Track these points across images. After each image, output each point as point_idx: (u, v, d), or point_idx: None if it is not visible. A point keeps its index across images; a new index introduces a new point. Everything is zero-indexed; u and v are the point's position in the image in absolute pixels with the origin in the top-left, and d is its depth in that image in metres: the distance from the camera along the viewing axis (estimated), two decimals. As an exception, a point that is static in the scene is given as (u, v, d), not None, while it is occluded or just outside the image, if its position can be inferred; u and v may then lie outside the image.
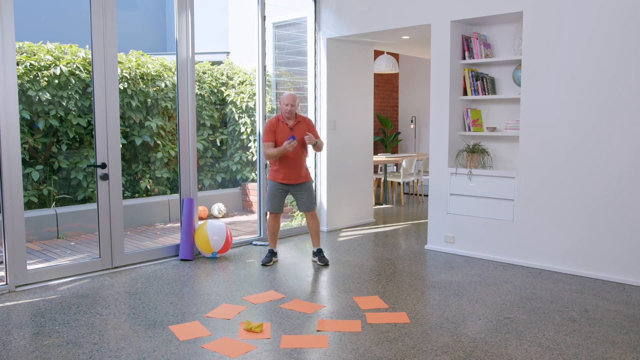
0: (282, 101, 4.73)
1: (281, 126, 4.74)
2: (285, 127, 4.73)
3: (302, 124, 4.80)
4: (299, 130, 4.76)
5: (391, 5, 5.55)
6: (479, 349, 3.06)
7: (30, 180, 5.68)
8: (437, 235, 5.39)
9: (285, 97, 4.72)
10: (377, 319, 3.52)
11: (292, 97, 4.71)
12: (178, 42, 4.99)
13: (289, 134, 4.71)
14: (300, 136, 4.75)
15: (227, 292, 4.08)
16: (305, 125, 4.81)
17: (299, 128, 4.77)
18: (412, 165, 8.21)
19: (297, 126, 4.77)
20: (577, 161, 4.46)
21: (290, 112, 4.70)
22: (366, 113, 6.75)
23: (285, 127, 4.73)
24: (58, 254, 5.21)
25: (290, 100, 4.68)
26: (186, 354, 3.00)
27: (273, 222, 4.96)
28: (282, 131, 4.73)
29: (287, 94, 4.75)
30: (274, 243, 5.02)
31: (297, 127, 4.77)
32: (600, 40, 4.28)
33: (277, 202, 4.86)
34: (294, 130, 4.73)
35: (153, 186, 6.94)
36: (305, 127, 4.80)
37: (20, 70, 5.54)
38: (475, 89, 5.20)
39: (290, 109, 4.68)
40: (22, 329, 3.35)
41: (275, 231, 5.00)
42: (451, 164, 5.28)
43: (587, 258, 4.46)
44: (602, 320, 3.49)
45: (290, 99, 4.70)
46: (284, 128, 4.73)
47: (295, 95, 4.73)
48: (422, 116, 10.14)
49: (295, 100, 4.71)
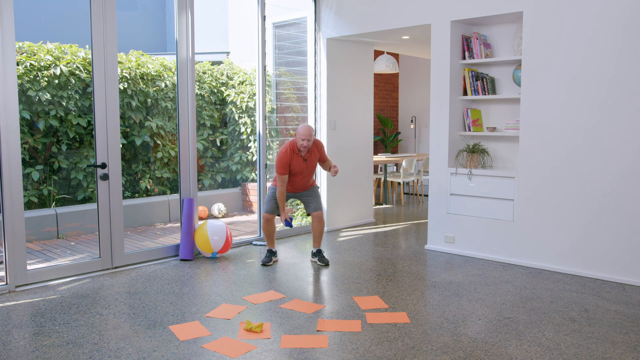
0: (299, 135, 4.65)
1: (296, 157, 4.72)
2: (299, 159, 4.73)
3: (315, 153, 4.82)
4: (311, 159, 4.80)
5: (391, 5, 5.55)
6: (479, 349, 3.06)
7: (30, 180, 5.68)
8: (437, 235, 5.39)
9: (303, 132, 4.64)
10: (377, 319, 3.52)
11: (309, 132, 4.64)
12: (178, 42, 5.00)
13: (303, 165, 4.74)
14: (313, 164, 4.81)
15: (227, 292, 4.08)
16: (317, 153, 4.84)
17: (312, 157, 4.80)
18: (412, 165, 8.21)
19: (310, 156, 4.79)
20: (577, 161, 4.46)
21: (307, 147, 4.68)
22: (366, 113, 6.75)
23: (299, 158, 4.73)
24: (58, 254, 5.21)
25: (307, 136, 4.63)
26: (186, 354, 3.00)
27: (267, 224, 4.95)
28: (297, 162, 4.73)
29: (305, 129, 4.66)
30: (272, 243, 5.02)
31: (310, 156, 4.79)
32: (600, 40, 4.28)
33: (275, 205, 4.89)
34: (307, 161, 4.76)
35: (153, 186, 6.94)
36: (317, 154, 4.84)
37: (20, 70, 5.54)
38: (475, 89, 5.20)
39: (307, 144, 4.65)
40: (22, 329, 3.35)
41: (271, 233, 4.99)
42: (451, 164, 5.28)
43: (587, 258, 4.46)
44: (602, 320, 3.49)
45: (308, 134, 4.63)
46: (298, 160, 4.73)
47: (312, 130, 4.68)
48: (422, 116, 10.14)
49: (312, 135, 4.67)
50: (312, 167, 4.85)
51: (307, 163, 4.77)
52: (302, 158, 4.74)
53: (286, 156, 4.69)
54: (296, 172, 4.76)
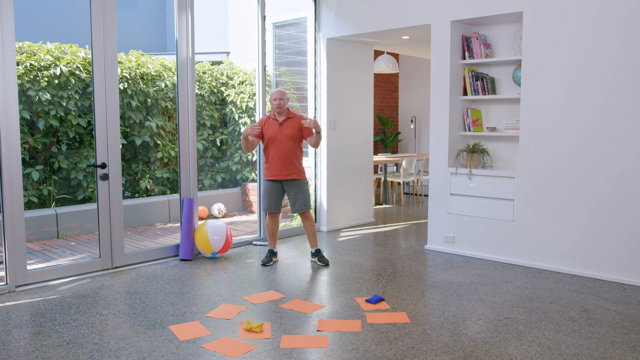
0: (271, 96, 4.66)
1: (270, 122, 4.66)
2: (275, 123, 4.65)
3: (294, 120, 4.69)
4: (288, 126, 4.65)
5: (391, 5, 5.54)
6: (479, 349, 3.06)
7: (30, 180, 5.68)
8: (437, 235, 5.39)
9: (273, 92, 4.65)
10: (377, 319, 3.52)
11: (279, 91, 4.63)
12: (178, 42, 4.99)
13: (278, 130, 4.62)
14: (290, 131, 4.64)
15: (227, 292, 4.08)
16: (296, 122, 4.69)
17: (288, 124, 4.66)
18: (412, 165, 8.21)
19: (286, 122, 4.66)
20: (577, 161, 4.46)
21: (280, 106, 4.60)
22: (366, 113, 6.75)
23: (275, 122, 4.65)
24: (58, 254, 5.20)
25: (278, 95, 4.59)
26: (186, 354, 3.00)
27: (271, 221, 4.92)
28: (271, 126, 4.65)
29: (275, 90, 4.71)
30: (274, 243, 4.99)
31: (287, 122, 4.66)
32: (600, 40, 4.28)
33: (272, 201, 4.80)
34: (282, 125, 4.63)
35: (153, 186, 6.94)
36: (296, 123, 4.68)
37: (20, 70, 5.54)
38: (475, 89, 5.20)
39: (279, 102, 4.58)
40: (22, 329, 3.35)
41: (274, 231, 4.95)
42: (451, 164, 5.28)
43: (587, 258, 4.46)
44: (602, 320, 3.49)
45: (278, 93, 4.61)
46: (273, 124, 4.65)
47: (283, 90, 4.66)
48: (422, 116, 10.14)
49: (284, 94, 4.62)
50: (291, 137, 4.65)
51: (282, 128, 4.61)
52: (278, 123, 4.62)
53: (261, 119, 4.74)
54: (271, 137, 4.62)
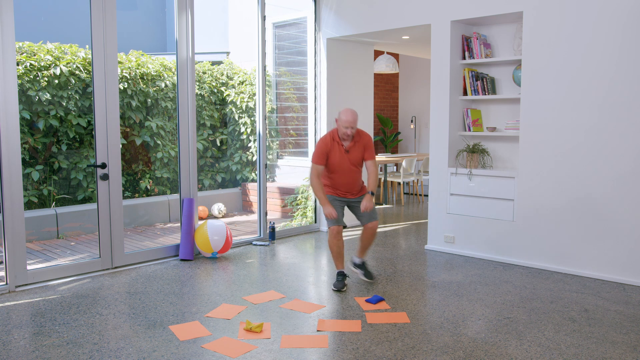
0: (342, 122, 3.99)
1: (336, 147, 4.07)
2: (341, 149, 4.07)
3: (359, 145, 4.12)
4: (354, 151, 4.10)
5: (391, 5, 5.54)
6: (479, 349, 3.06)
7: (30, 180, 5.68)
8: (437, 235, 5.39)
9: (345, 118, 3.96)
10: (377, 319, 3.52)
11: (353, 117, 3.97)
12: (178, 42, 4.99)
13: (344, 158, 4.09)
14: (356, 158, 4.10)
15: (227, 292, 4.08)
16: (361, 146, 4.12)
17: (354, 149, 4.10)
18: (412, 165, 8.21)
19: (352, 147, 4.10)
20: (576, 161, 4.46)
21: (349, 135, 4.04)
22: (366, 113, 6.75)
23: (341, 148, 4.07)
24: (58, 254, 5.20)
25: (351, 123, 3.96)
26: (186, 354, 3.00)
27: (335, 239, 4.09)
28: (336, 153, 4.07)
29: (348, 113, 3.98)
30: (341, 263, 4.20)
31: (353, 147, 4.10)
32: (600, 40, 4.28)
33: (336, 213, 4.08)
34: (349, 152, 4.09)
35: (153, 186, 6.94)
36: (360, 145, 4.12)
37: (20, 70, 5.54)
38: (475, 89, 5.20)
39: (350, 132, 4.00)
40: (22, 329, 3.35)
41: (340, 250, 4.15)
42: (451, 164, 5.28)
43: (587, 258, 4.46)
44: (602, 320, 3.49)
45: (352, 120, 3.96)
46: (339, 149, 4.07)
47: (356, 115, 4.01)
48: (422, 116, 10.14)
49: (356, 121, 4.02)
50: (356, 162, 4.14)
51: (349, 155, 4.07)
52: (344, 149, 4.06)
53: (324, 143, 4.04)
54: (336, 165, 4.09)
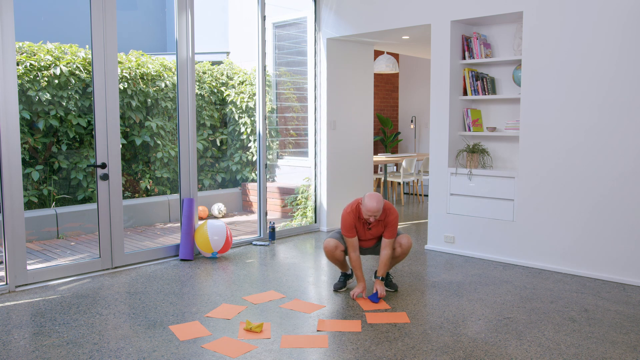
0: (365, 210, 3.86)
1: (359, 224, 4.04)
2: (364, 227, 4.06)
3: (383, 223, 4.03)
4: (376, 227, 4.06)
5: (391, 5, 5.54)
6: (479, 349, 3.06)
7: (30, 180, 5.68)
8: (437, 235, 5.39)
9: (370, 207, 3.83)
10: (377, 319, 3.52)
11: (378, 207, 3.83)
12: (178, 42, 5.00)
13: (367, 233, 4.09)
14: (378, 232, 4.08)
15: (227, 292, 4.08)
16: (384, 224, 4.03)
17: (376, 226, 4.05)
18: (412, 165, 8.21)
19: (376, 225, 4.05)
20: (577, 161, 4.46)
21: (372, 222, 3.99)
22: (366, 113, 6.75)
23: (365, 226, 4.06)
24: (58, 254, 5.20)
25: (375, 213, 3.84)
26: (186, 354, 3.00)
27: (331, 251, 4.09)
28: (360, 228, 4.07)
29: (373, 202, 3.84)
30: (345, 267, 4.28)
31: (377, 226, 4.06)
32: (600, 40, 4.28)
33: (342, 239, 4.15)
34: (371, 230, 4.07)
35: (153, 186, 6.94)
36: (383, 224, 4.04)
37: (20, 70, 5.54)
38: (475, 89, 5.20)
39: (373, 219, 3.92)
40: (22, 329, 3.35)
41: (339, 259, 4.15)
42: (451, 164, 5.28)
43: (587, 258, 4.46)
44: (602, 320, 3.49)
45: (375, 210, 3.83)
46: (362, 227, 4.06)
47: (381, 203, 3.87)
48: (422, 116, 10.14)
49: (381, 210, 3.88)
50: (378, 235, 4.16)
51: (371, 232, 4.09)
52: (367, 227, 4.06)
53: (350, 219, 3.98)
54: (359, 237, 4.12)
